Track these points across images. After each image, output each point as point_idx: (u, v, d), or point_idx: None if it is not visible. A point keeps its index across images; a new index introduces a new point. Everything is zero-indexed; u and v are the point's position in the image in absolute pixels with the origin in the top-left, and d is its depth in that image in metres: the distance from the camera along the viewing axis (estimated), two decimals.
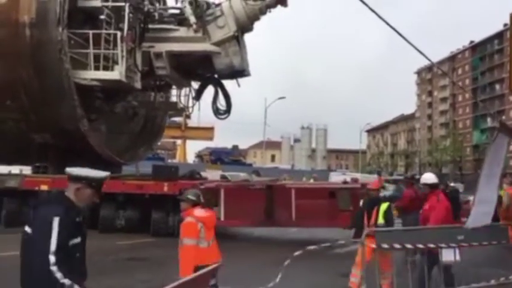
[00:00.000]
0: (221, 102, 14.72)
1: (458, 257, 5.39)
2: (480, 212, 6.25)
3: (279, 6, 13.31)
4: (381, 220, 5.95)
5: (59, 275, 2.38)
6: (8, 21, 11.65)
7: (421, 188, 6.35)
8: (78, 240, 2.63)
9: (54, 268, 2.37)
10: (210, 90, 15.16)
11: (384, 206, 6.09)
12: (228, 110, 14.78)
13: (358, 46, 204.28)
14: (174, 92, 17.72)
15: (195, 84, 16.09)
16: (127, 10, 12.45)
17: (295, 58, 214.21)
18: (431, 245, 5.17)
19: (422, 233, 5.58)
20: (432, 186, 6.08)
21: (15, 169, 13.15)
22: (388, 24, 10.97)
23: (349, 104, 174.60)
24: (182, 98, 17.41)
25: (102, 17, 12.81)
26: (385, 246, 4.97)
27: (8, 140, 13.30)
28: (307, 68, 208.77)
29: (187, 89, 16.98)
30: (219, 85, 14.67)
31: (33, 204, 2.74)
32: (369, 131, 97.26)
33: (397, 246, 5.01)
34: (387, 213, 6.03)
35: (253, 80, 16.00)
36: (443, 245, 5.24)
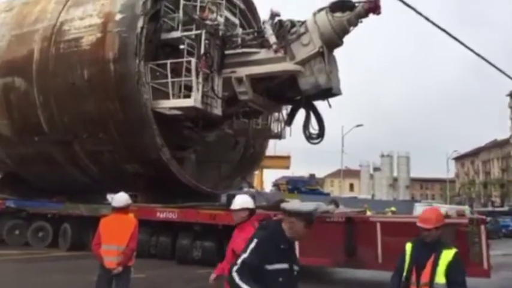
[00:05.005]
0: (313, 126, 13.70)
1: None
2: None
3: (370, 15, 12.01)
4: (440, 279, 3.60)
5: (237, 278, 2.74)
6: (97, 59, 12.55)
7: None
8: (282, 265, 2.84)
9: (234, 274, 2.76)
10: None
11: (447, 255, 3.70)
12: (321, 134, 13.67)
13: (441, 67, 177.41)
14: (272, 118, 17.18)
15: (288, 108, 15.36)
16: (203, 37, 12.46)
17: (372, 83, 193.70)
18: None
19: None
20: (252, 212, 4.30)
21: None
22: (473, 51, 9.26)
23: (433, 130, 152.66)
24: (273, 124, 16.88)
25: (182, 47, 12.99)
26: None
27: (107, 171, 14.18)
28: (385, 93, 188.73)
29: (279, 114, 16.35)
30: (311, 108, 13.68)
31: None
32: (456, 159, 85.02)
33: None
34: (453, 267, 3.63)
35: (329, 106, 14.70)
36: None
